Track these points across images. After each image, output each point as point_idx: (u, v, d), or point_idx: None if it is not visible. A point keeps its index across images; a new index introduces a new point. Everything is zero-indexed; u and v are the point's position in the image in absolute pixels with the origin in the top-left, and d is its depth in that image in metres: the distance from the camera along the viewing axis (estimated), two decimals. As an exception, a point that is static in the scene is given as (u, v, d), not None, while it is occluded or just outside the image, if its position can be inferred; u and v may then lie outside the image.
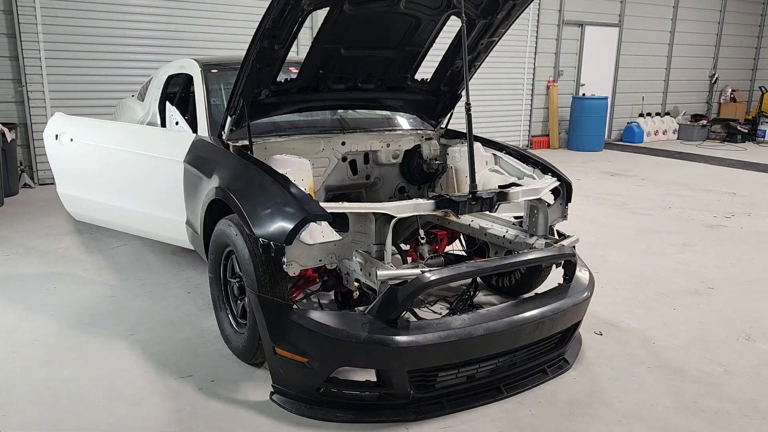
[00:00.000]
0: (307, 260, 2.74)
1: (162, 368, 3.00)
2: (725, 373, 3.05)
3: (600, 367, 3.08)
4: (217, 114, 3.69)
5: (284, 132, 3.74)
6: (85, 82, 7.33)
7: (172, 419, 2.58)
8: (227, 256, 3.12)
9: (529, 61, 10.87)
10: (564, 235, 3.36)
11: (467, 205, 2.89)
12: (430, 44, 3.60)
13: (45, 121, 7.13)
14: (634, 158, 10.39)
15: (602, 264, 4.65)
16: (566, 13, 11.12)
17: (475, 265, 2.81)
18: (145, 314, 3.63)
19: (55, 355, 3.12)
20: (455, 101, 4.08)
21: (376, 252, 2.75)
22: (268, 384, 2.74)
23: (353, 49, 3.37)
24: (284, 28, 2.94)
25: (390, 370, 2.51)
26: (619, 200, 6.97)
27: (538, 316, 2.71)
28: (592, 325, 3.52)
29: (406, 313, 2.73)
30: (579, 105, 11.15)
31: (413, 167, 4.09)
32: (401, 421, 2.56)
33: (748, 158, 10.45)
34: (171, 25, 7.64)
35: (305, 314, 2.55)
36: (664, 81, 13.10)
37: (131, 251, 4.80)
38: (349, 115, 4.21)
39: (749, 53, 14.36)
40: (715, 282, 4.35)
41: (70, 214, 5.12)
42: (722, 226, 5.92)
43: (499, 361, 2.73)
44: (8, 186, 6.56)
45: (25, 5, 6.83)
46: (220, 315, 3.24)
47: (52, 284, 4.08)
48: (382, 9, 3.16)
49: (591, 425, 2.59)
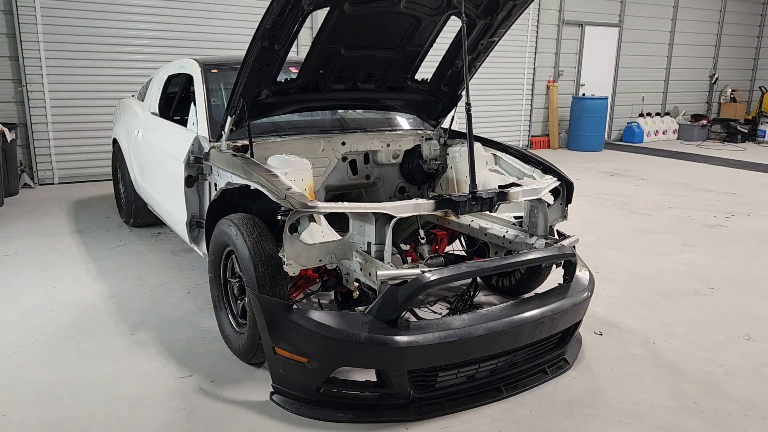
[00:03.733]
0: (307, 260, 2.74)
1: (162, 368, 3.00)
2: (725, 373, 3.05)
3: (600, 367, 3.08)
4: (217, 114, 3.69)
5: (284, 132, 3.74)
6: (85, 82, 7.33)
7: (172, 419, 2.58)
8: (227, 256, 3.12)
9: (529, 61, 10.87)
10: (564, 235, 3.36)
11: (467, 205, 2.89)
12: (430, 44, 3.60)
13: (45, 121, 7.16)
14: (634, 158, 10.39)
15: (602, 264, 4.65)
16: (566, 13, 11.12)
17: (475, 265, 2.81)
18: (145, 314, 3.63)
19: (55, 355, 3.12)
20: (455, 101, 4.08)
21: (376, 252, 2.75)
22: (268, 384, 2.74)
23: (353, 49, 3.37)
24: (284, 28, 2.94)
25: (390, 370, 2.51)
26: (619, 200, 6.97)
27: (538, 316, 2.71)
28: (592, 325, 3.52)
29: (406, 313, 2.73)
30: (579, 105, 11.15)
31: (413, 167, 4.08)
32: (401, 421, 2.56)
33: (748, 158, 10.45)
34: (171, 25, 7.64)
35: (305, 314, 2.54)
36: (664, 81, 13.11)
37: (131, 251, 4.80)
38: (349, 115, 4.21)
39: (749, 53, 14.36)
40: (715, 282, 4.35)
41: (70, 214, 5.13)
42: (722, 226, 5.92)
43: (499, 361, 2.72)
44: (8, 186, 6.56)
45: (25, 5, 6.83)
46: (220, 315, 3.24)
47: (52, 284, 4.08)
48: (382, 9, 3.16)
49: (591, 425, 2.59)
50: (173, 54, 7.19)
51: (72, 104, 7.31)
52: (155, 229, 5.38)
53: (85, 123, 7.40)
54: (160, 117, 4.68)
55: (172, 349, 3.19)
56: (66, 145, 7.36)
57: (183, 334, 3.38)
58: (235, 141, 3.45)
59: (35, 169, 7.25)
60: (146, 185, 4.70)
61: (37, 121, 7.15)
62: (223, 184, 3.25)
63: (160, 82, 4.86)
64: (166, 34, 7.63)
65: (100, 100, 7.42)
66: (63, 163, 7.39)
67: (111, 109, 7.02)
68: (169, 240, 5.09)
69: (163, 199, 4.23)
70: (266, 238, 2.84)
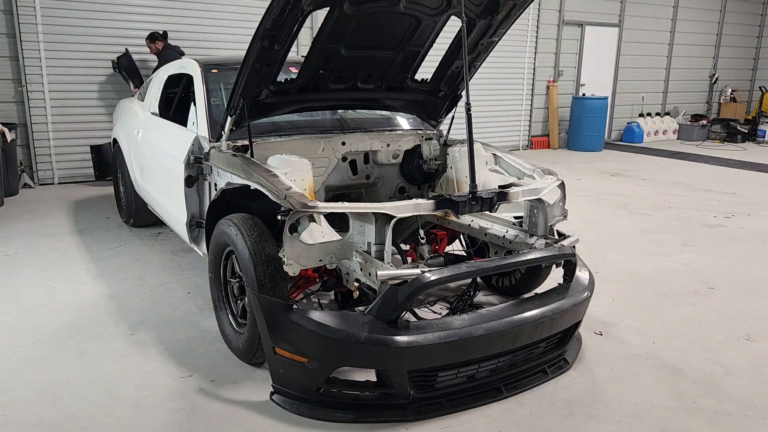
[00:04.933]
0: (307, 260, 2.74)
1: (162, 368, 3.00)
2: (725, 373, 3.05)
3: (600, 367, 3.08)
4: (217, 114, 3.69)
5: (284, 132, 3.74)
6: (85, 82, 7.33)
7: (172, 419, 2.58)
8: (227, 256, 3.12)
9: (529, 61, 10.87)
10: (564, 235, 3.36)
11: (467, 205, 2.89)
12: (430, 44, 3.60)
13: (45, 121, 7.16)
14: (634, 158, 10.39)
15: (602, 264, 4.65)
16: (566, 13, 11.11)
17: (475, 265, 2.81)
18: (145, 314, 3.63)
19: (55, 355, 3.12)
20: (455, 101, 4.08)
21: (376, 252, 2.75)
22: (268, 384, 2.74)
23: (353, 49, 3.37)
24: (284, 28, 2.94)
25: (390, 370, 2.51)
26: (619, 200, 6.97)
27: (538, 316, 2.71)
28: (592, 325, 3.52)
29: (406, 313, 2.73)
30: (579, 105, 11.15)
31: (413, 167, 4.08)
32: (401, 421, 2.56)
33: (748, 158, 10.45)
34: (171, 25, 7.63)
35: (305, 314, 2.54)
36: (664, 81, 13.10)
37: (131, 251, 4.80)
38: (349, 115, 4.21)
39: (749, 53, 14.36)
40: (715, 282, 4.35)
41: (70, 214, 5.13)
42: (722, 226, 5.92)
43: (499, 361, 2.72)
44: (8, 186, 6.56)
45: (25, 5, 6.83)
46: (220, 315, 3.24)
47: (52, 284, 4.08)
48: (382, 9, 3.16)
49: (591, 425, 2.59)
50: (173, 54, 7.19)
51: (72, 104, 7.31)
52: (155, 229, 5.38)
53: (85, 123, 7.40)
54: (160, 117, 4.68)
55: (172, 349, 3.19)
56: (66, 145, 7.36)
57: (183, 334, 3.38)
58: (235, 141, 3.45)
59: (35, 169, 7.25)
60: (146, 185, 4.70)
61: (37, 121, 7.15)
62: (223, 184, 3.25)
63: (160, 82, 4.86)
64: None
65: (100, 100, 7.42)
66: (63, 163, 7.39)
67: (111, 109, 7.03)
68: (169, 240, 5.09)
69: (163, 199, 4.23)
70: (266, 238, 2.84)
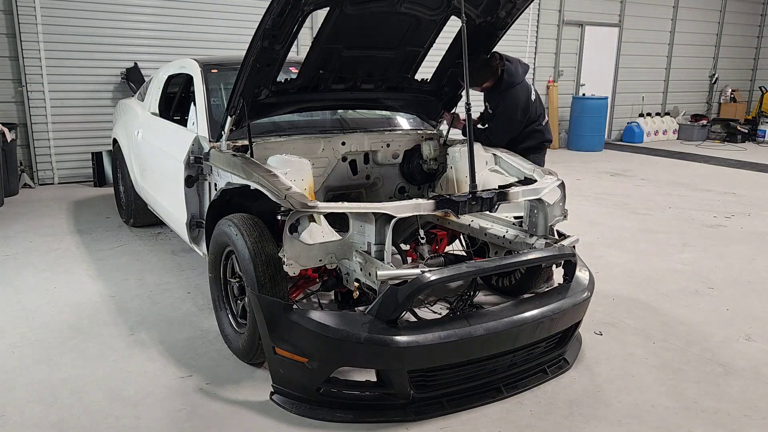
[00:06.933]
0: (307, 260, 2.74)
1: (162, 368, 3.00)
2: (725, 373, 3.05)
3: (600, 367, 3.08)
4: (217, 114, 3.69)
5: (284, 132, 3.74)
6: (85, 82, 7.32)
7: (172, 419, 2.58)
8: (227, 256, 3.12)
9: (529, 61, 10.85)
10: (564, 235, 3.36)
11: (467, 205, 2.89)
12: (430, 44, 3.60)
13: (45, 121, 7.16)
14: (634, 158, 10.38)
15: (602, 264, 4.65)
16: (566, 13, 11.11)
17: (475, 265, 2.81)
18: (145, 314, 3.63)
19: (55, 355, 3.12)
20: (455, 101, 4.08)
21: (376, 252, 2.75)
22: (268, 384, 2.74)
23: (353, 49, 3.37)
24: (284, 28, 2.94)
25: (390, 370, 2.51)
26: (619, 200, 6.97)
27: (538, 316, 2.71)
28: (592, 325, 3.52)
29: (406, 313, 2.73)
30: (579, 105, 11.14)
31: (413, 167, 4.08)
32: (401, 421, 2.56)
33: (748, 158, 10.45)
34: (171, 25, 7.63)
35: (305, 314, 2.54)
36: (664, 81, 13.10)
37: (131, 251, 4.80)
38: (349, 115, 4.21)
39: (749, 53, 14.36)
40: (715, 282, 4.35)
41: (70, 214, 5.13)
42: (722, 226, 5.92)
43: (499, 362, 2.72)
44: (8, 186, 6.56)
45: (25, 5, 6.83)
46: (220, 315, 3.24)
47: (52, 284, 4.08)
48: (382, 9, 3.16)
49: (591, 425, 2.59)
50: (173, 54, 7.17)
51: (72, 104, 7.30)
52: (155, 229, 5.38)
53: (85, 123, 7.40)
54: (160, 117, 4.68)
55: (172, 349, 3.19)
56: (66, 145, 7.36)
57: (183, 334, 3.38)
58: (235, 141, 3.45)
59: (35, 169, 7.25)
60: (146, 185, 4.70)
61: (37, 121, 7.15)
62: (223, 184, 3.25)
63: (160, 82, 4.86)
64: (166, 34, 7.63)
65: (100, 100, 7.42)
66: (63, 163, 7.39)
67: (111, 109, 7.03)
68: (169, 240, 5.09)
69: (163, 199, 4.23)
70: (266, 238, 2.84)
